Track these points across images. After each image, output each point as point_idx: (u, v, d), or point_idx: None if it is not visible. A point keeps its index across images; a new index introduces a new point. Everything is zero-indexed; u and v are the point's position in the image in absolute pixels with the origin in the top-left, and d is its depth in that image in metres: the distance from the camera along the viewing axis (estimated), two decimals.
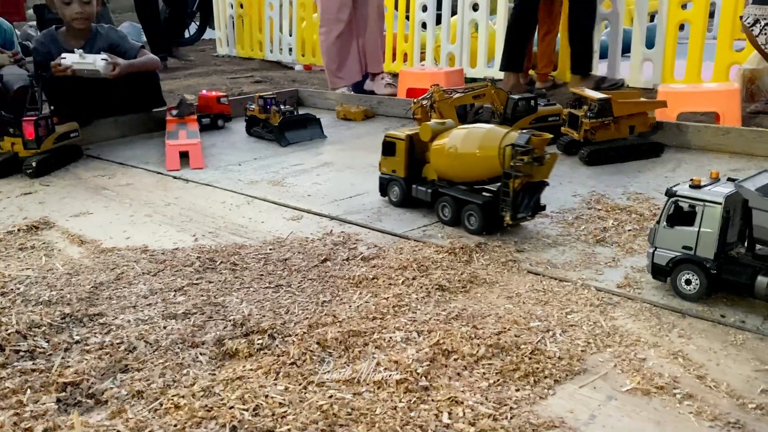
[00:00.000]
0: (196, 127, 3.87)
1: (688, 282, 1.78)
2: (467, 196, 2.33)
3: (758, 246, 1.76)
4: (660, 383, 1.41)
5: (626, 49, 5.30)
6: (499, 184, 2.27)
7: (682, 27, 5.18)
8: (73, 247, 2.28)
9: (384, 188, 2.66)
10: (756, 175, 1.79)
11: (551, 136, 2.25)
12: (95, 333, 1.65)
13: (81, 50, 3.60)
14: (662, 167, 3.11)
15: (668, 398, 1.37)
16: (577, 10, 4.71)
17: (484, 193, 2.36)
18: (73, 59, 3.55)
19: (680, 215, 1.80)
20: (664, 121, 3.50)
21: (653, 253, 1.83)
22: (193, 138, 3.61)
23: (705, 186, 1.78)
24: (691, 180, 1.80)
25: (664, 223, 1.81)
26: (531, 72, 5.41)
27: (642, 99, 3.38)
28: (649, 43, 5.06)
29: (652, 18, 5.48)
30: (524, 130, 2.22)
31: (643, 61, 5.09)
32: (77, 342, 1.61)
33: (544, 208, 2.35)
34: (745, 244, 1.80)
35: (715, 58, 4.72)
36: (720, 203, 1.71)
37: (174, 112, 4.00)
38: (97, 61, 3.56)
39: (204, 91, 4.46)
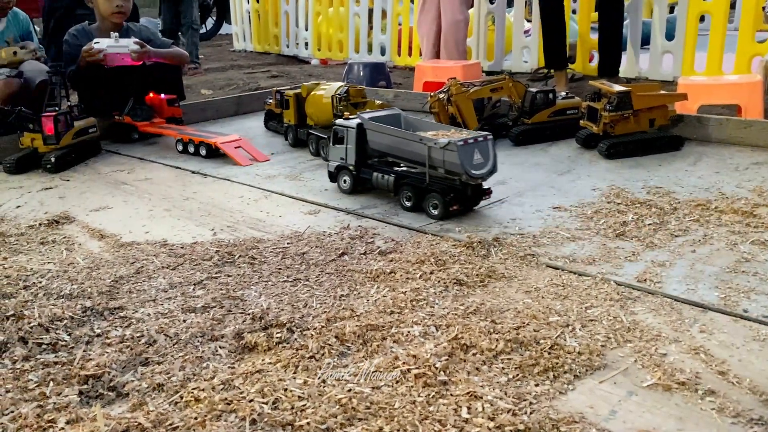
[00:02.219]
0: (185, 126, 3.84)
1: (345, 182, 2.76)
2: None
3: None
4: (681, 379, 1.39)
5: (645, 42, 5.23)
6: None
7: (702, 18, 5.10)
8: (93, 242, 2.30)
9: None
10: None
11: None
12: (116, 326, 1.67)
13: (116, 35, 3.67)
14: (682, 161, 3.07)
15: (690, 394, 1.36)
16: (606, 14, 4.63)
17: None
18: (107, 42, 3.62)
19: (336, 139, 2.74)
20: (685, 114, 3.45)
21: (327, 163, 2.83)
22: (227, 134, 3.53)
23: (349, 119, 2.73)
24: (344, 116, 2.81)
25: (330, 143, 2.78)
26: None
27: (662, 92, 3.34)
28: (669, 35, 4.99)
29: (672, 9, 5.41)
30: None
31: (663, 53, 5.03)
32: (98, 335, 1.62)
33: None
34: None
35: (736, 49, 4.64)
36: (353, 127, 2.67)
37: (137, 117, 3.80)
38: (130, 45, 3.66)
39: (152, 94, 3.99)
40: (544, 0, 4.72)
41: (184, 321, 1.68)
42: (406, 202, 2.53)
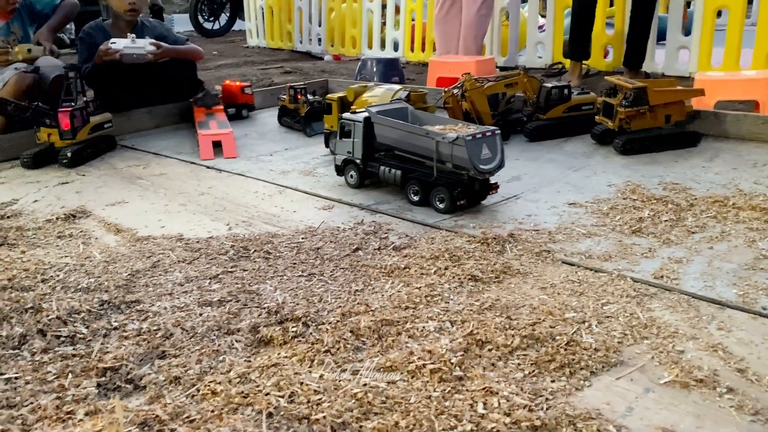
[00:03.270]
0: (224, 117, 3.90)
1: (351, 176, 2.77)
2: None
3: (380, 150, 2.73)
4: (699, 376, 1.38)
5: (661, 37, 5.19)
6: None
7: (719, 14, 5.05)
8: (109, 236, 2.32)
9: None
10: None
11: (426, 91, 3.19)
12: (133, 319, 1.68)
13: (133, 36, 3.69)
14: (699, 157, 3.04)
15: (708, 392, 1.34)
16: (637, 6, 4.63)
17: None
18: (124, 43, 3.64)
19: (343, 133, 2.75)
20: (702, 110, 3.42)
21: (334, 157, 2.84)
22: (224, 128, 3.64)
23: (356, 113, 2.75)
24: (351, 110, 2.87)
25: (337, 137, 2.78)
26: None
27: (678, 87, 3.31)
28: (686, 30, 4.94)
29: (688, 4, 5.35)
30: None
31: (679, 49, 4.98)
32: (115, 328, 1.63)
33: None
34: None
35: (754, 45, 4.59)
36: (360, 121, 2.67)
37: (199, 102, 4.05)
38: (147, 46, 3.69)
39: (227, 81, 4.48)
40: None
41: (201, 315, 1.69)
42: (413, 196, 2.53)
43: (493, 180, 2.47)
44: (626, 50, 4.77)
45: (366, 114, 2.68)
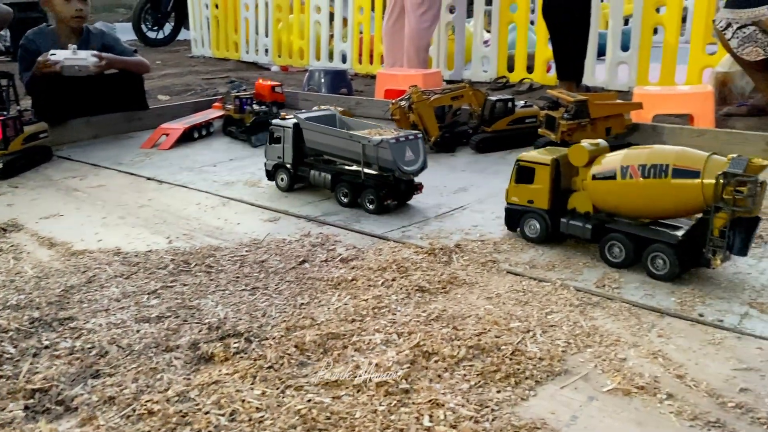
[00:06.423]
0: (202, 117, 4.07)
1: (282, 180, 2.84)
2: (650, 234, 1.95)
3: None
4: (640, 383, 1.40)
5: (601, 52, 5.34)
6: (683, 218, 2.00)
7: (656, 30, 5.24)
8: (42, 250, 2.21)
9: (514, 221, 2.25)
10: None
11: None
12: (65, 338, 1.60)
13: (75, 47, 3.56)
14: None
15: (649, 398, 1.37)
16: (567, 19, 4.69)
17: (670, 230, 1.97)
18: (64, 54, 3.50)
19: (273, 138, 2.82)
20: (640, 123, 3.53)
21: (265, 162, 2.90)
22: (183, 125, 3.86)
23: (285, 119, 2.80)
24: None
25: (267, 143, 2.85)
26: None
27: (618, 101, 3.41)
28: (624, 46, 5.10)
29: (626, 21, 5.54)
30: (736, 155, 1.81)
31: (618, 64, 5.14)
32: (46, 347, 1.55)
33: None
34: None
35: (688, 61, 4.78)
36: (290, 127, 2.74)
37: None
38: (89, 57, 3.57)
39: (260, 80, 4.70)
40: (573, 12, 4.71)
41: (138, 331, 1.62)
42: (343, 198, 2.63)
43: (417, 180, 2.60)
44: (556, 63, 4.83)
45: (294, 120, 2.76)
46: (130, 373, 1.44)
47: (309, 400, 1.32)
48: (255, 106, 3.91)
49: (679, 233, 1.93)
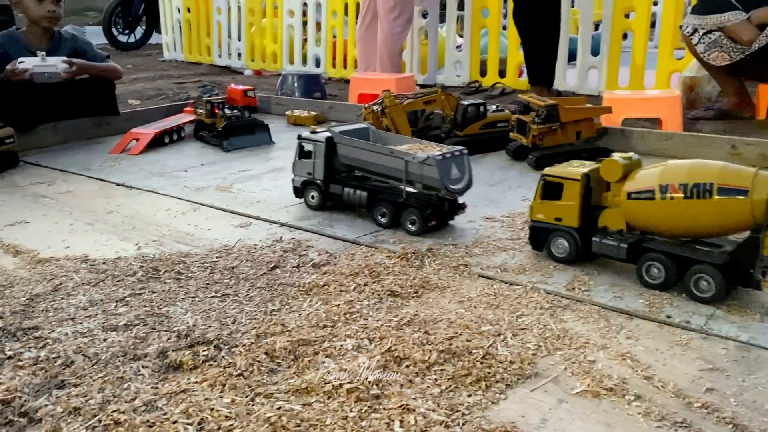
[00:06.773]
0: (177, 121, 4.06)
1: (313, 198, 2.62)
2: (694, 254, 1.83)
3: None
4: (609, 385, 1.42)
5: (572, 57, 5.41)
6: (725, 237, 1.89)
7: (625, 36, 5.32)
8: (7, 258, 2.17)
9: (540, 240, 2.14)
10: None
11: None
12: (29, 347, 1.56)
13: (44, 53, 3.48)
14: None
15: (617, 400, 1.38)
16: (537, 23, 4.77)
17: (713, 249, 1.86)
18: (33, 62, 3.43)
19: (302, 153, 2.61)
20: (610, 127, 3.58)
21: (293, 179, 2.68)
22: (149, 130, 3.83)
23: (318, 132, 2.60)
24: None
25: (296, 158, 2.64)
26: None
27: (588, 105, 3.45)
28: (594, 51, 5.17)
29: (596, 27, 5.62)
30: None
31: (589, 69, 5.20)
32: (9, 357, 1.52)
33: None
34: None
35: (657, 66, 4.86)
36: (322, 141, 2.54)
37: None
38: (58, 64, 3.50)
39: (232, 85, 4.72)
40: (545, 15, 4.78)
41: (105, 340, 1.59)
42: (381, 219, 2.42)
43: (460, 200, 2.42)
44: (528, 68, 4.91)
45: (327, 134, 2.56)
46: (96, 383, 1.41)
47: (279, 408, 1.31)
48: (227, 111, 3.87)
49: (725, 253, 1.80)
